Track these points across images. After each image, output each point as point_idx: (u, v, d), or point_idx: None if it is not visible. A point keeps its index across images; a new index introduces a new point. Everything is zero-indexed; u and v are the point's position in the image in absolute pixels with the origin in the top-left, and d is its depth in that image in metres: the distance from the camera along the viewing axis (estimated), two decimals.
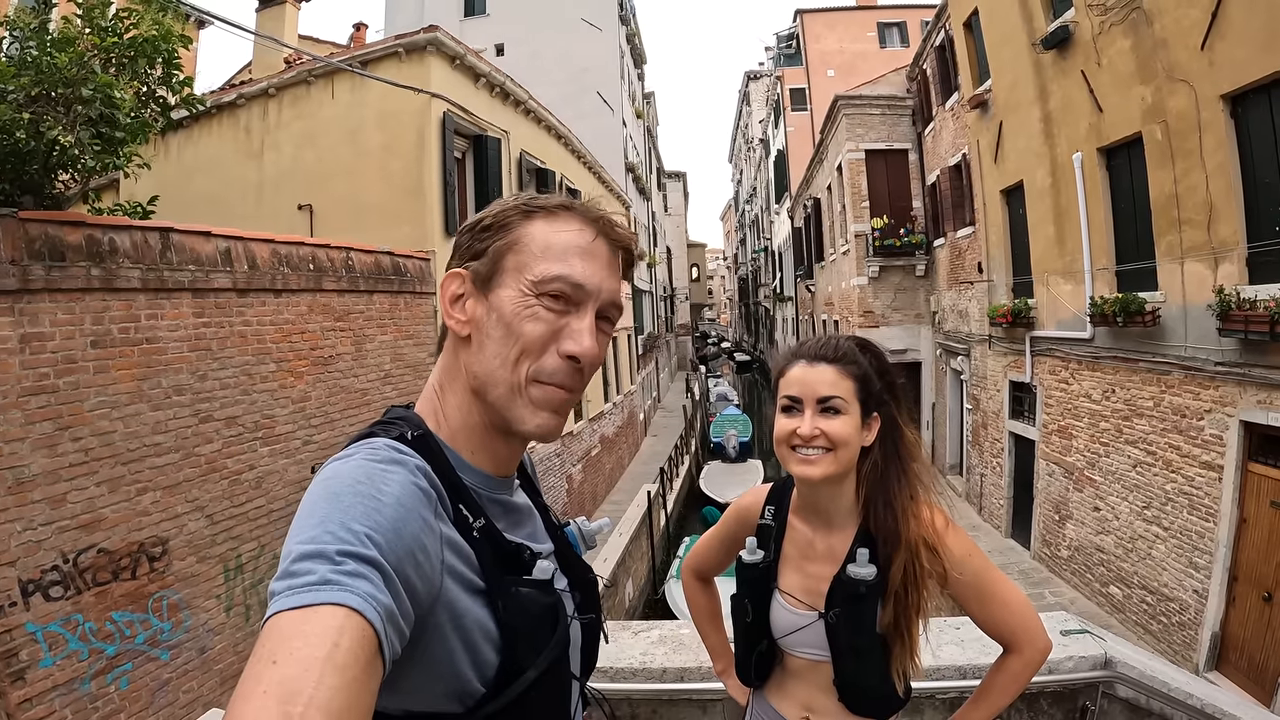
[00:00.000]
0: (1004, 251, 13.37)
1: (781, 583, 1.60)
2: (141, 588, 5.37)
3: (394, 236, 9.62)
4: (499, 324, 0.91)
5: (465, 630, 0.82)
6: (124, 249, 5.36)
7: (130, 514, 5.33)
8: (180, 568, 5.73)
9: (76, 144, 4.94)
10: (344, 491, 0.75)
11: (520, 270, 0.92)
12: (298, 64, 10.87)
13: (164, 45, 5.49)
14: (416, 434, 0.89)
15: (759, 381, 50.37)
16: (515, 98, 13.07)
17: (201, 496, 5.98)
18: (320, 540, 0.68)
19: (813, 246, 26.90)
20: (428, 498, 0.81)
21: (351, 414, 8.03)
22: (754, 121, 49.37)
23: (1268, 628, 6.97)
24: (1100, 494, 10.02)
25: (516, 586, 0.88)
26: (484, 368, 0.92)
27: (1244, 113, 7.10)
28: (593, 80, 25.21)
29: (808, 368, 1.50)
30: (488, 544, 0.88)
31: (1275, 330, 6.47)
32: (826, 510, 1.57)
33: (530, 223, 0.94)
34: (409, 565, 0.73)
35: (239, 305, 6.52)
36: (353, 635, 0.62)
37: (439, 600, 0.79)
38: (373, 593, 0.66)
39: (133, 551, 5.32)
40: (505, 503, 0.99)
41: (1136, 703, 2.56)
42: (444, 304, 0.96)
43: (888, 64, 23.65)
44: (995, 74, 12.84)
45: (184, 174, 10.96)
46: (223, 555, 6.17)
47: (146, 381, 5.52)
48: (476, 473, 0.95)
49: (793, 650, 1.59)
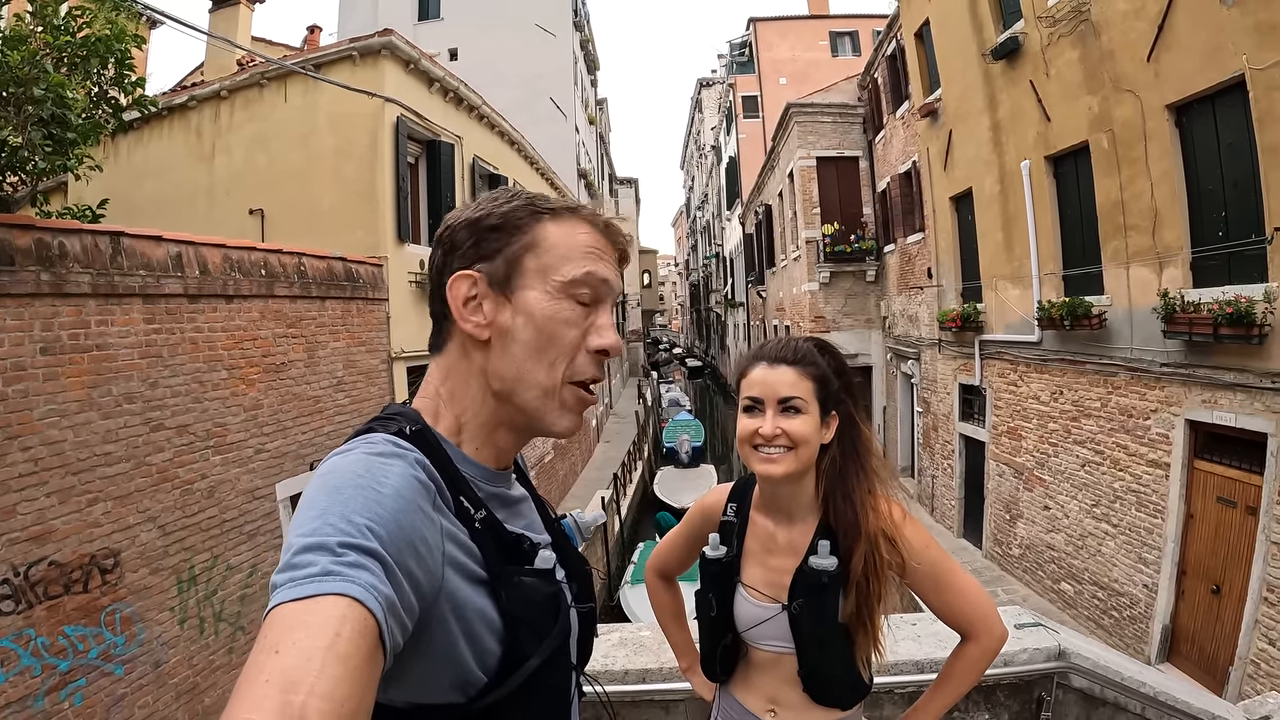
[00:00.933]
0: (953, 257, 13.63)
1: (744, 577, 1.64)
2: (94, 601, 5.21)
3: (346, 242, 9.46)
4: (528, 327, 0.93)
5: (467, 620, 0.82)
6: (74, 253, 5.17)
7: (81, 525, 5.16)
8: (133, 580, 5.57)
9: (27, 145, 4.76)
10: (344, 484, 0.75)
11: (546, 272, 0.94)
12: (251, 66, 10.63)
13: (117, 45, 5.36)
14: (414, 429, 0.90)
15: (710, 387, 50.66)
16: (469, 103, 12.94)
17: (153, 507, 5.82)
18: (321, 533, 0.69)
19: (764, 252, 27.14)
20: (427, 490, 0.81)
21: (304, 421, 7.87)
22: (706, 128, 49.66)
23: (1217, 620, 7.21)
24: (1050, 493, 10.26)
25: (519, 576, 0.89)
26: (513, 370, 0.93)
27: (1189, 122, 7.36)
28: (546, 86, 25.15)
29: (769, 369, 1.55)
30: (489, 535, 0.89)
31: (1219, 332, 6.69)
32: (788, 505, 1.61)
33: (542, 224, 0.96)
34: (410, 556, 0.74)
35: (190, 311, 6.36)
36: (354, 625, 0.63)
37: (441, 591, 0.79)
38: (374, 583, 0.67)
39: (84, 564, 5.16)
40: (503, 495, 1.00)
41: (1091, 692, 2.64)
42: (456, 307, 0.94)
43: (840, 72, 24.00)
44: (945, 83, 13.11)
45: (134, 177, 10.66)
46: (176, 566, 6.01)
47: (97, 389, 5.35)
48: (476, 466, 0.96)
49: (757, 643, 1.61)
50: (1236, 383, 6.81)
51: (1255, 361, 6.57)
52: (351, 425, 8.72)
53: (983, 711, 2.60)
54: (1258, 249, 6.57)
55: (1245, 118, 6.54)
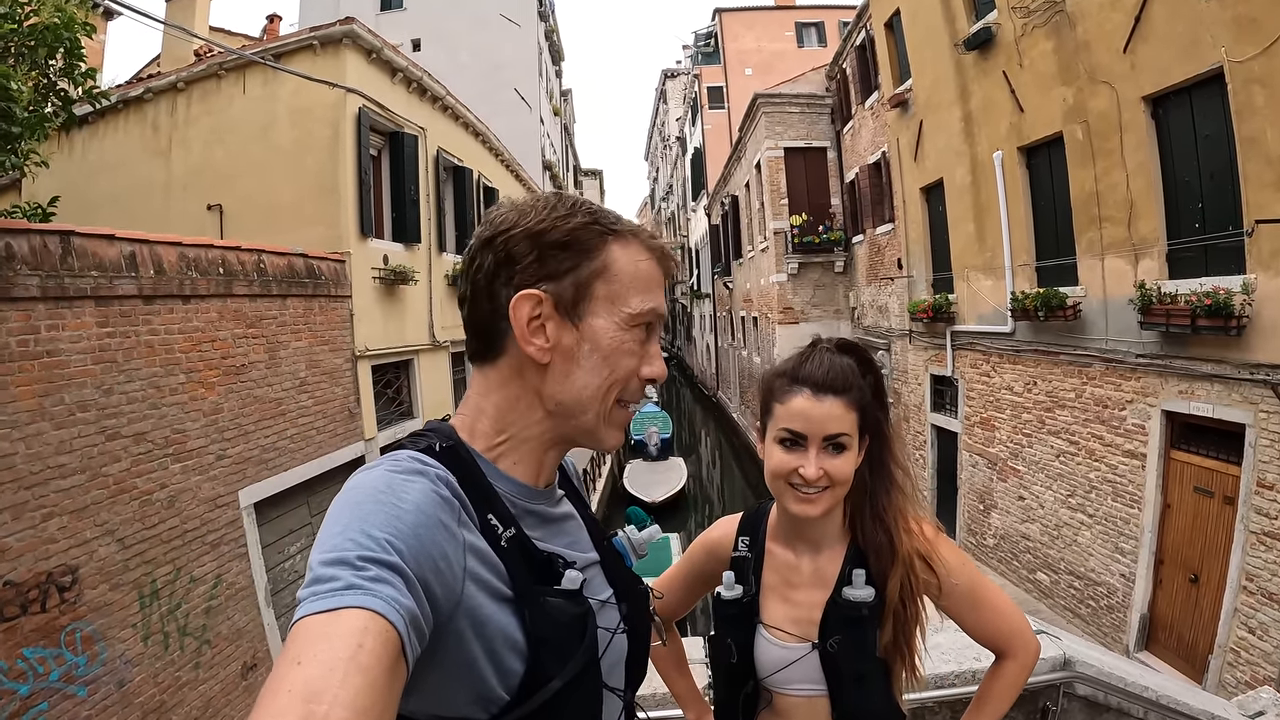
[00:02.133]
0: (924, 248, 13.65)
1: (765, 616, 1.49)
2: (52, 621, 5.00)
3: (308, 237, 9.17)
4: (593, 354, 0.93)
5: (488, 638, 0.82)
6: (21, 255, 4.90)
7: (36, 542, 4.93)
8: (92, 597, 5.35)
9: None
10: (365, 500, 0.76)
11: (614, 301, 0.94)
12: (208, 57, 10.29)
13: (66, 34, 5.07)
14: (446, 445, 0.90)
15: (677, 378, 50.73)
16: (433, 94, 12.67)
17: (111, 519, 5.58)
18: (343, 548, 0.70)
19: (730, 244, 27.16)
20: (449, 505, 0.81)
21: (266, 424, 7.63)
22: (671, 119, 49.53)
23: (1195, 608, 7.27)
24: (1024, 483, 10.31)
25: (545, 596, 0.88)
26: (573, 396, 0.94)
27: (1165, 114, 7.37)
28: (510, 77, 24.84)
29: (814, 401, 1.37)
30: (517, 552, 0.88)
31: (1197, 324, 6.72)
32: (815, 535, 1.48)
33: (609, 247, 0.95)
34: (429, 570, 0.74)
35: (145, 313, 6.10)
36: (376, 637, 0.63)
37: (460, 606, 0.79)
38: (395, 596, 0.67)
39: (41, 582, 4.94)
40: (543, 513, 0.99)
41: (1095, 699, 2.60)
42: (520, 328, 0.91)
43: (805, 63, 24.05)
44: (916, 74, 13.09)
45: (88, 173, 10.27)
46: (137, 581, 5.79)
47: (48, 398, 5.10)
48: (512, 482, 0.95)
49: (782, 689, 1.45)
50: (1214, 374, 6.84)
51: (1233, 353, 6.60)
52: (315, 427, 8.50)
53: None
54: (1235, 241, 6.59)
55: (1223, 110, 6.54)
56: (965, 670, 2.45)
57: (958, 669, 2.45)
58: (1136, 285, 7.51)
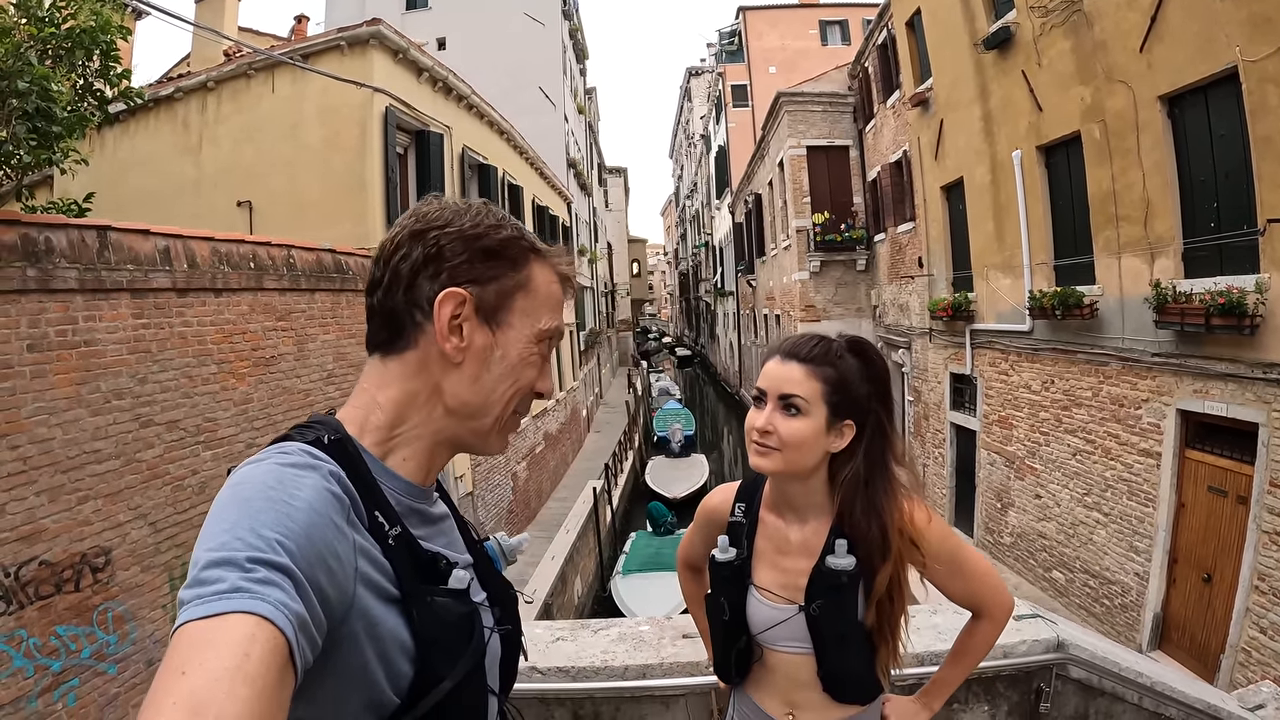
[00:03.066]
0: (944, 246, 13.64)
1: (757, 579, 1.60)
2: (85, 600, 5.13)
3: (335, 234, 9.37)
4: (503, 362, 0.96)
5: (379, 640, 0.81)
6: (60, 248, 5.08)
7: (71, 524, 5.07)
8: (124, 578, 5.49)
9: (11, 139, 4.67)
10: (254, 496, 0.74)
11: (530, 316, 0.98)
12: (237, 57, 10.54)
13: (102, 36, 5.25)
14: (334, 438, 0.88)
15: (700, 376, 50.74)
16: (458, 93, 12.88)
17: (144, 504, 5.73)
18: (230, 547, 0.68)
19: (754, 242, 27.15)
20: (340, 504, 0.79)
21: (294, 415, 7.78)
22: (695, 117, 49.53)
23: (1208, 608, 7.27)
24: (1041, 482, 10.31)
25: (431, 595, 0.87)
26: (477, 398, 0.96)
27: (1181, 113, 7.37)
28: (535, 75, 24.96)
29: (779, 364, 1.51)
30: (404, 552, 0.87)
31: (1210, 323, 6.73)
32: (799, 504, 1.58)
33: (531, 265, 0.99)
34: (321, 572, 0.72)
35: (179, 305, 6.26)
36: (264, 645, 0.61)
37: (353, 608, 0.78)
38: (285, 601, 0.65)
39: (75, 563, 5.08)
40: (424, 512, 0.98)
41: (1089, 683, 2.66)
42: (440, 324, 0.92)
43: (829, 61, 23.97)
44: (936, 73, 13.09)
45: (119, 170, 10.54)
46: (168, 564, 5.93)
47: (85, 386, 5.25)
48: (398, 480, 0.94)
49: (772, 645, 1.58)
50: (1228, 373, 6.85)
51: (1246, 352, 6.61)
52: None
53: (982, 703, 2.62)
54: (1249, 240, 6.59)
55: (1238, 109, 6.54)
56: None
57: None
58: (1152, 284, 7.52)
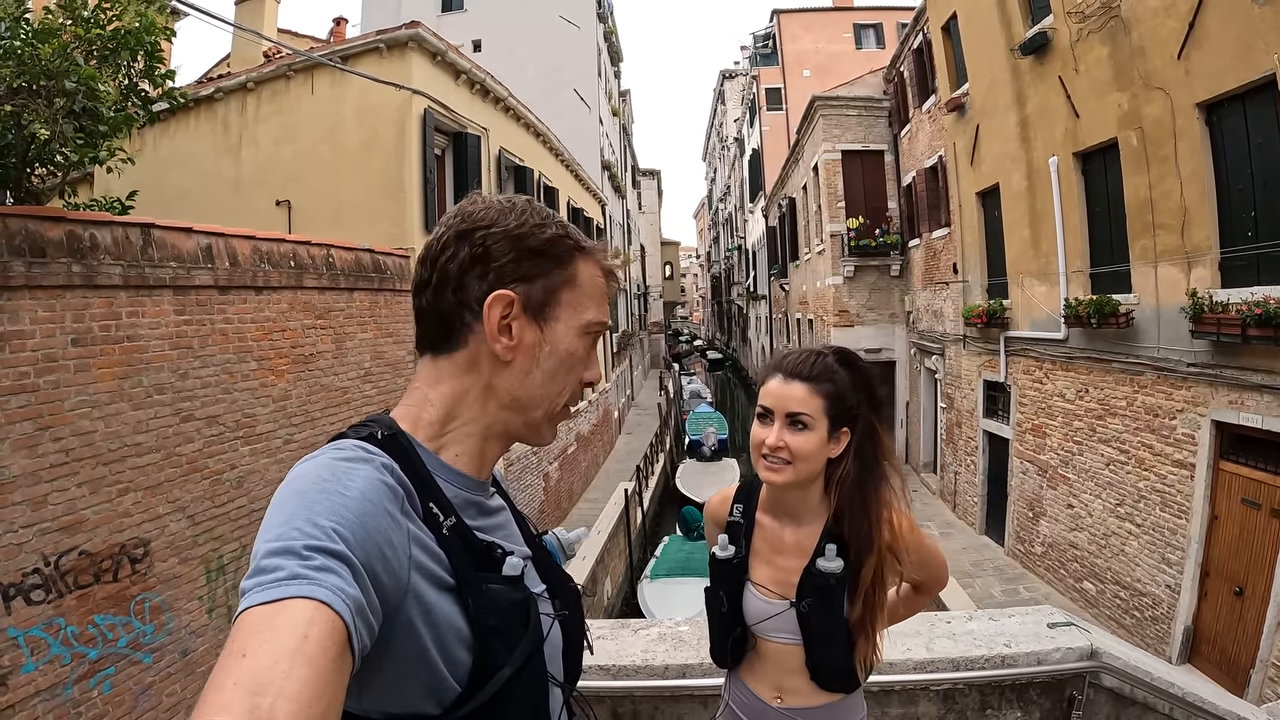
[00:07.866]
0: (979, 253, 13.53)
1: (753, 575, 1.73)
2: (123, 590, 5.25)
3: (373, 234, 9.51)
4: (552, 357, 1.00)
5: (436, 627, 0.83)
6: (105, 245, 5.23)
7: (111, 515, 5.20)
8: (162, 569, 5.61)
9: (58, 137, 4.83)
10: (309, 489, 0.76)
11: (576, 310, 1.02)
12: (277, 58, 10.72)
13: (147, 37, 5.38)
14: (387, 434, 0.90)
15: (731, 380, 50.54)
16: (495, 95, 13.00)
17: (183, 497, 5.86)
18: (288, 537, 0.70)
19: (787, 245, 27.00)
20: (394, 494, 0.82)
21: (332, 412, 7.94)
22: (729, 120, 49.47)
23: (1239, 621, 7.16)
24: (1074, 491, 10.20)
25: (486, 582, 0.89)
26: (529, 393, 0.99)
27: (1218, 121, 7.27)
28: (570, 78, 25.09)
29: (783, 383, 1.62)
30: (458, 541, 0.89)
31: (1247, 333, 6.63)
32: (794, 508, 1.71)
33: (578, 261, 1.02)
34: (376, 559, 0.75)
35: (220, 303, 6.41)
36: (322, 628, 0.63)
37: (408, 595, 0.80)
38: (341, 586, 0.68)
39: (114, 553, 5.19)
40: (481, 504, 1.00)
41: (1121, 692, 2.68)
42: (490, 325, 0.94)
43: (864, 65, 23.82)
44: (973, 78, 12.99)
45: (160, 169, 10.73)
46: (205, 556, 6.06)
47: (127, 380, 5.39)
48: (453, 472, 0.96)
49: (765, 635, 1.71)
50: (1264, 384, 6.74)
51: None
52: None
53: (1015, 709, 2.65)
54: None
55: (1276, 117, 6.48)
56: (995, 655, 2.59)
57: (988, 653, 2.59)
58: (1189, 293, 7.43)
